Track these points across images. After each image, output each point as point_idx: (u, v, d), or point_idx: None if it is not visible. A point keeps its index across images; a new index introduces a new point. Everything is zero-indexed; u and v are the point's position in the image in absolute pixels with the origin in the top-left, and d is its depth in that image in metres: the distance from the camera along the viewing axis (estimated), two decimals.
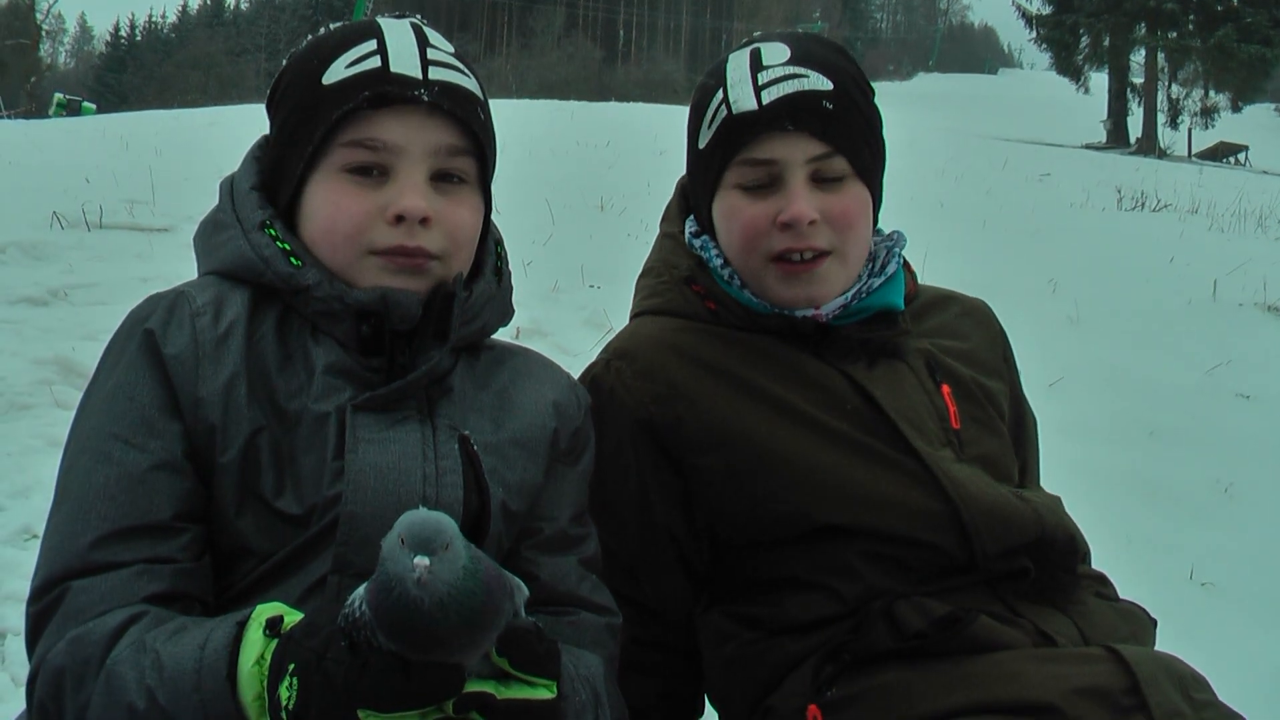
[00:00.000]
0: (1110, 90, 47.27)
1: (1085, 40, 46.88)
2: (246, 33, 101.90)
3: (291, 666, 1.19)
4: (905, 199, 11.18)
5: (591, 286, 6.75)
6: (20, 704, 1.44)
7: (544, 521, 1.65)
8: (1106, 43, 45.76)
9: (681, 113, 2.05)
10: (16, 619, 2.88)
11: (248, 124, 2.17)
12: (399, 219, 1.52)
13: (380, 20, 1.62)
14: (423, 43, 1.60)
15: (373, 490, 1.44)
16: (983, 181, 13.68)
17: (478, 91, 1.63)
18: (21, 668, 2.76)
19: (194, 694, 1.25)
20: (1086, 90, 49.93)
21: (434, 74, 1.57)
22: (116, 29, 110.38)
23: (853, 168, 1.84)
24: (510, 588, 1.24)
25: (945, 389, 1.89)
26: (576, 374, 1.89)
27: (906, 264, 2.01)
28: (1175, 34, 44.07)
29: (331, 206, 1.54)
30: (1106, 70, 47.74)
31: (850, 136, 1.84)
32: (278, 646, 1.23)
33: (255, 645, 1.25)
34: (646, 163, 10.99)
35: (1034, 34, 48.76)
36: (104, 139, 11.18)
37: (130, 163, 9.00)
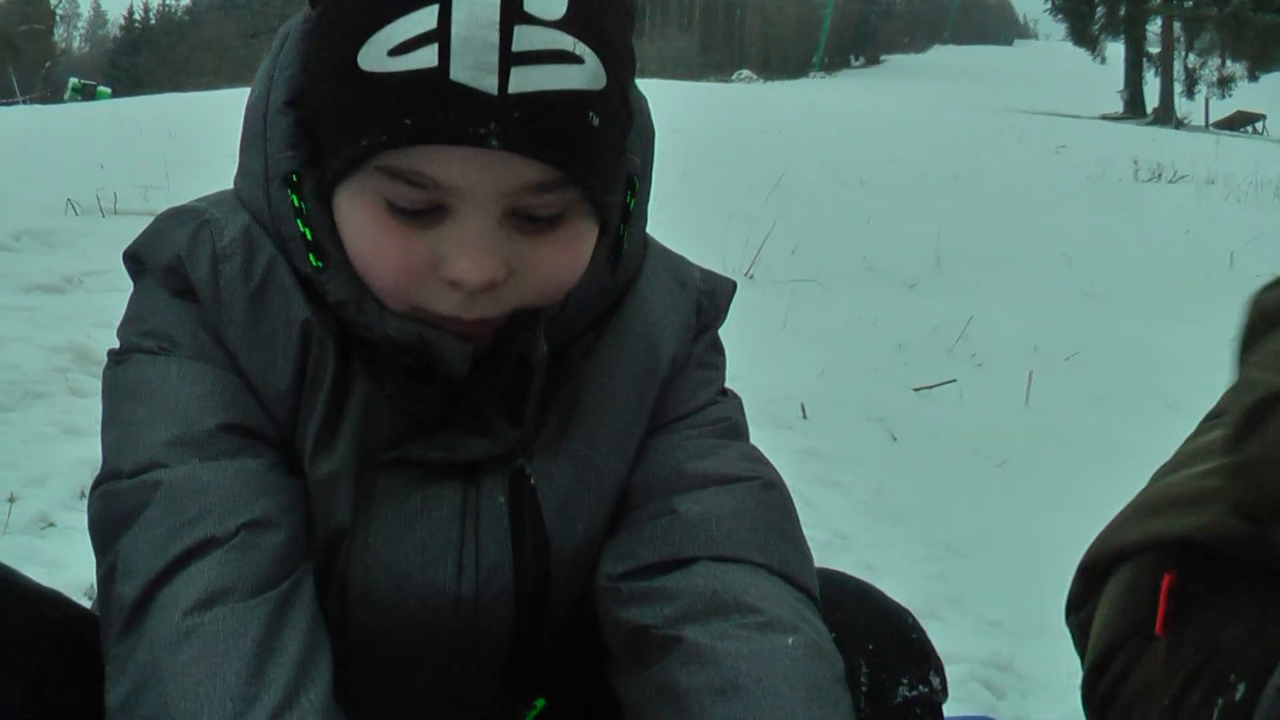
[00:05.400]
0: (1126, 60, 46.95)
1: (1101, 10, 46.61)
2: (260, 15, 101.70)
3: None
4: (920, 173, 11.15)
5: None
6: None
7: None
8: (1122, 12, 45.48)
9: (695, 88, 2.03)
10: None
11: None
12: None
13: None
14: (510, 18, 0.94)
15: (387, 598, 1.10)
16: (998, 154, 13.60)
17: (594, 81, 0.98)
18: None
19: None
20: (1103, 60, 49.61)
21: (517, 81, 0.94)
22: (130, 12, 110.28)
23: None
24: None
25: None
26: None
27: None
28: (1191, 3, 43.76)
29: (369, 243, 1.03)
30: (1122, 40, 47.43)
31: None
32: None
33: None
34: (659, 139, 10.94)
35: (1049, 4, 48.50)
36: (118, 124, 11.17)
37: (144, 147, 8.97)
